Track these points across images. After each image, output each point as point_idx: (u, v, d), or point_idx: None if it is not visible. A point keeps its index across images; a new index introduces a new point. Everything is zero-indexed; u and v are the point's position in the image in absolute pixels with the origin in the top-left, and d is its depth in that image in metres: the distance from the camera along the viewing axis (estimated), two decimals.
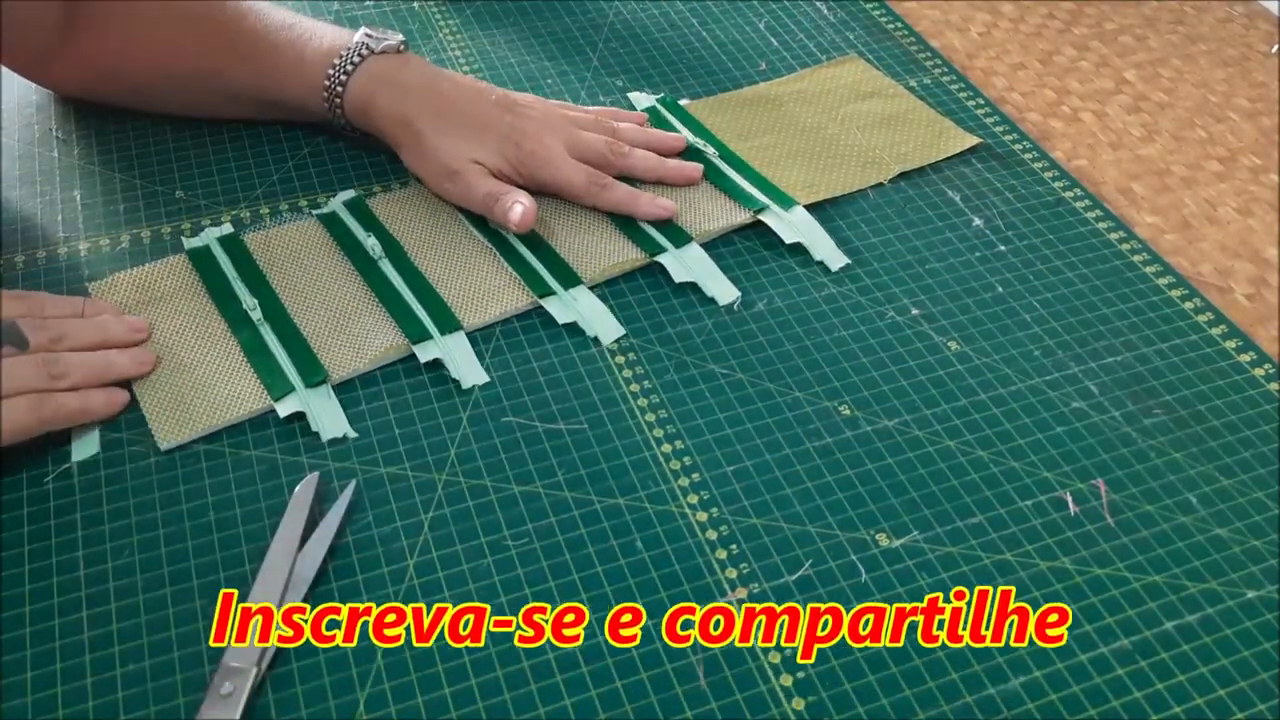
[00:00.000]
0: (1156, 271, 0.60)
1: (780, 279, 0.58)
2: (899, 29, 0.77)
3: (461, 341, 0.54)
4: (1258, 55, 0.78)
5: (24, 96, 0.68)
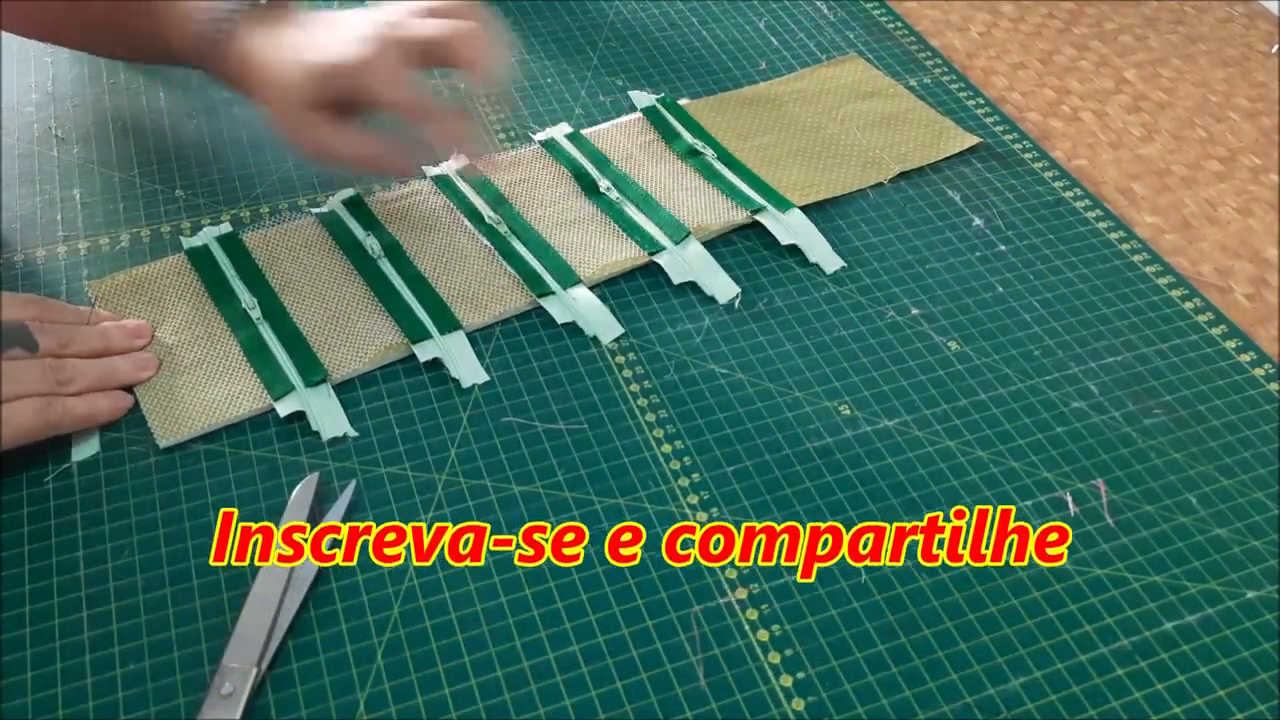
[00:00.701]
0: (1156, 271, 0.60)
1: (780, 279, 0.58)
2: (899, 28, 0.77)
3: (461, 341, 0.54)
4: (1258, 55, 0.78)
5: (24, 96, 0.67)
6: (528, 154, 0.64)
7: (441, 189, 0.61)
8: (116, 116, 0.66)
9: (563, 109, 0.68)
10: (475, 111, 0.68)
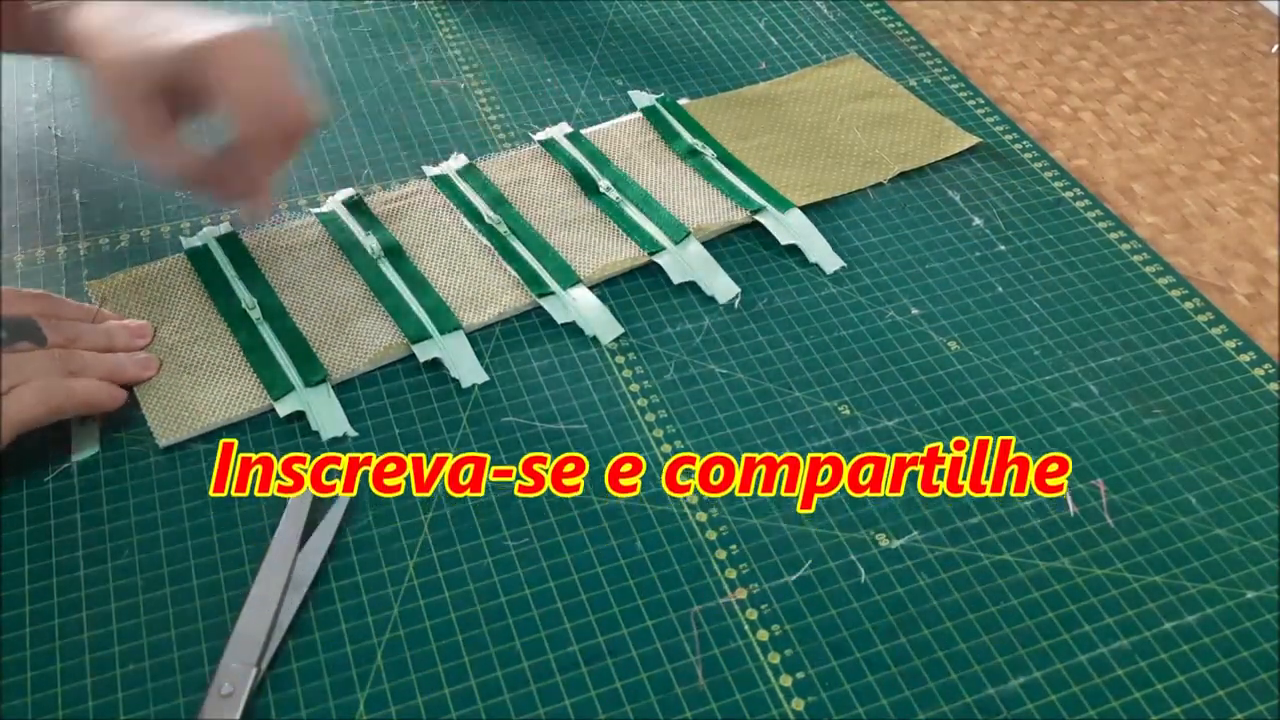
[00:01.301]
0: (1156, 271, 0.60)
1: (780, 279, 0.58)
2: (899, 28, 0.77)
3: (461, 341, 0.54)
4: (1258, 55, 0.78)
5: (24, 95, 0.67)
6: (527, 154, 0.64)
7: (441, 189, 0.62)
8: None
9: (563, 109, 0.68)
10: (475, 109, 0.68)
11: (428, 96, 0.69)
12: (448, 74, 0.71)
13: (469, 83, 0.70)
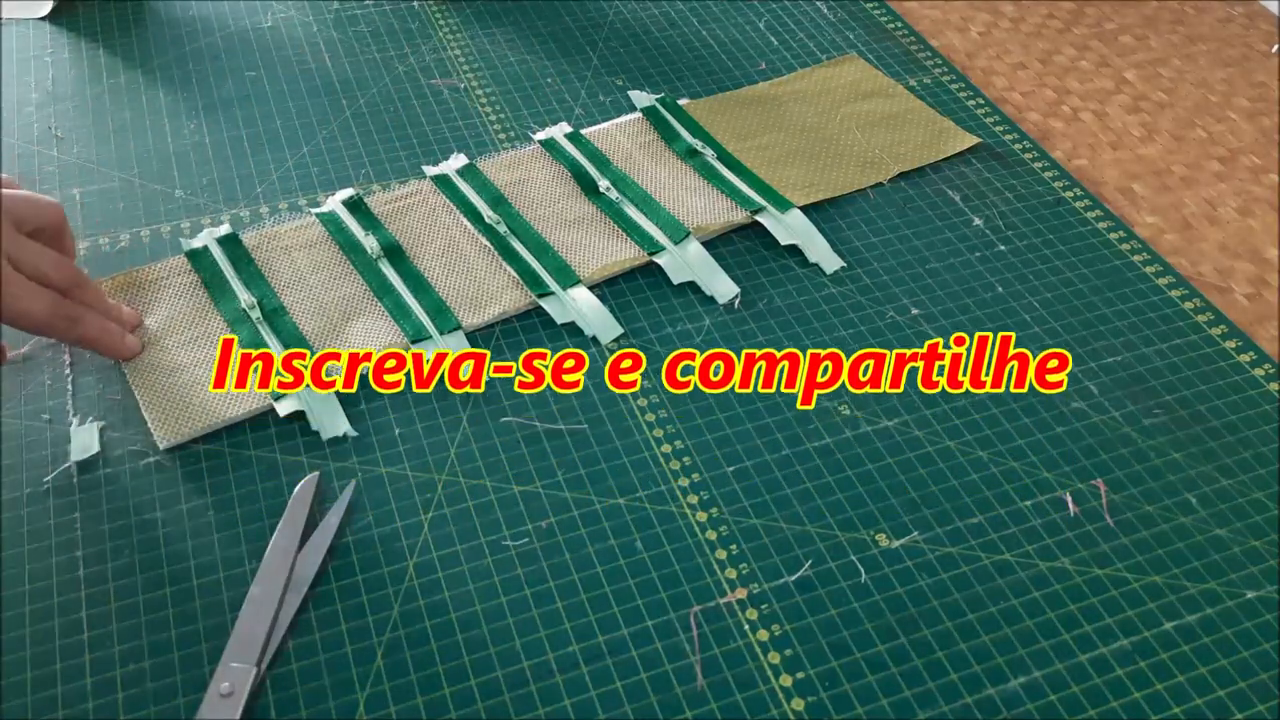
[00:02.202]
0: (1156, 271, 0.60)
1: (780, 279, 0.58)
2: (899, 28, 0.77)
3: (461, 341, 0.54)
4: (1258, 55, 0.78)
5: (24, 95, 0.68)
6: (527, 154, 0.64)
7: (441, 189, 0.62)
8: (116, 116, 0.66)
9: (562, 109, 0.68)
10: (475, 109, 0.68)
11: (428, 96, 0.69)
12: (448, 74, 0.71)
13: (469, 83, 0.70)
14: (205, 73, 0.70)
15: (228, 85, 0.69)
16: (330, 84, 0.69)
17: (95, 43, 0.72)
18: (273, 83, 0.69)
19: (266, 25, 0.74)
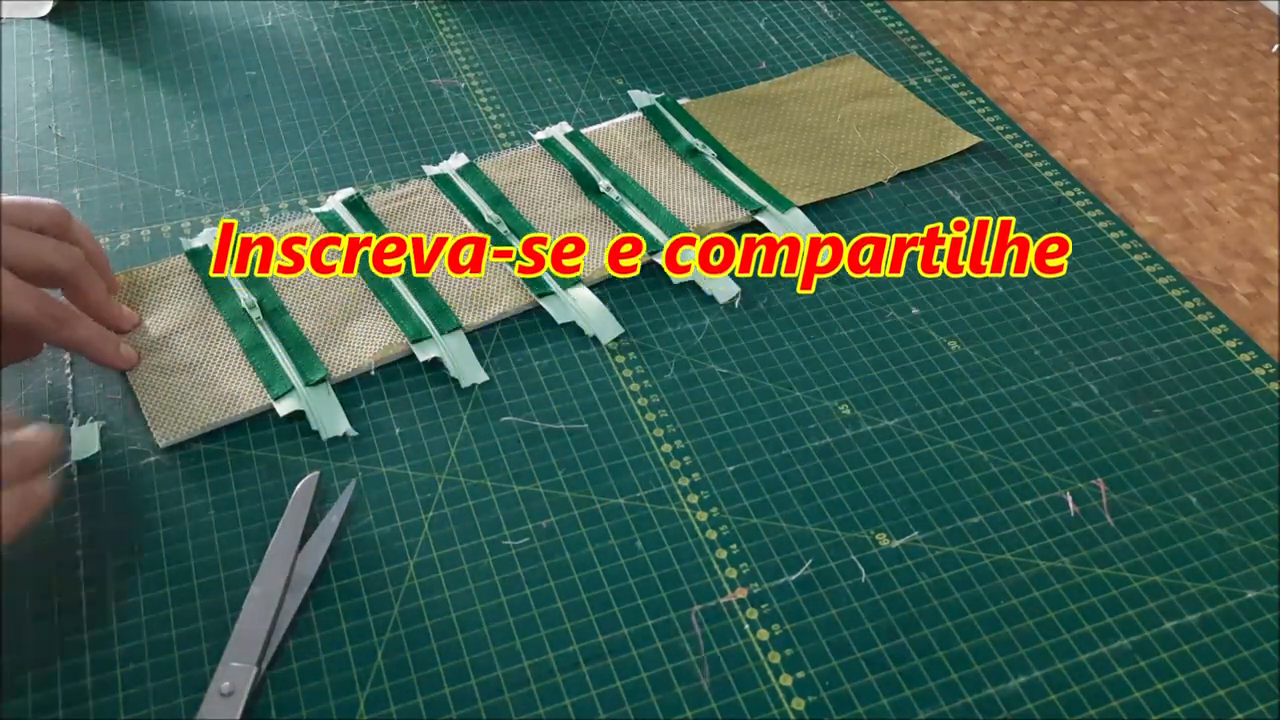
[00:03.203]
0: (1157, 271, 0.60)
1: (781, 278, 0.58)
2: (899, 28, 0.77)
3: (461, 341, 0.54)
4: (1258, 55, 0.78)
5: (24, 95, 0.68)
6: (527, 153, 0.64)
7: (441, 188, 0.61)
8: (116, 116, 0.66)
9: (563, 108, 0.68)
10: (475, 109, 0.68)
11: (428, 96, 0.69)
12: (448, 74, 0.71)
13: (469, 82, 0.70)
14: (205, 73, 0.70)
15: (228, 85, 0.69)
16: (330, 84, 0.69)
17: (95, 43, 0.72)
18: (273, 82, 0.69)
19: (266, 25, 0.74)
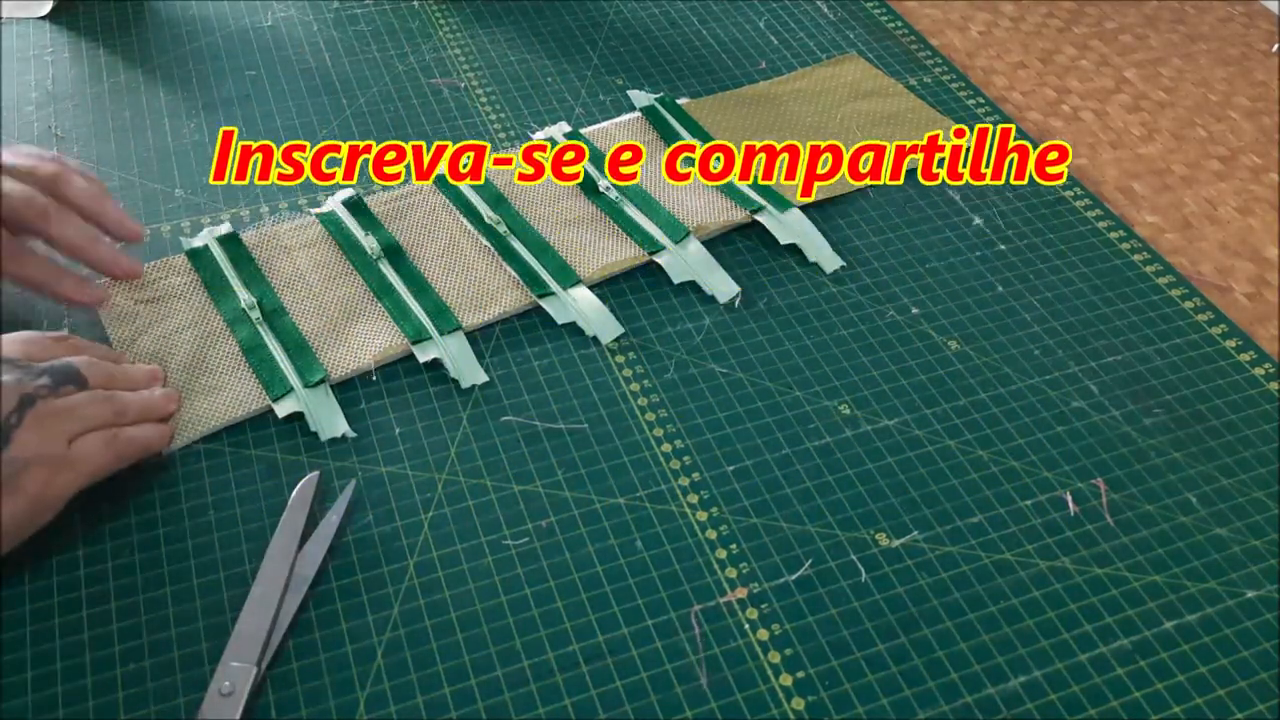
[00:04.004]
0: (1156, 271, 0.60)
1: (780, 278, 0.58)
2: (899, 28, 0.77)
3: (461, 341, 0.54)
4: (1258, 54, 0.78)
5: (23, 94, 0.68)
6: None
7: (441, 189, 0.61)
8: (116, 116, 0.66)
9: (562, 108, 0.68)
10: (475, 109, 0.68)
11: (428, 96, 0.69)
12: (448, 73, 0.71)
13: (469, 82, 0.70)
14: (205, 72, 0.70)
15: (228, 85, 0.69)
16: (330, 84, 0.69)
17: (95, 42, 0.72)
18: (273, 82, 0.69)
19: (266, 25, 0.74)
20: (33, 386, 0.44)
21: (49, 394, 0.44)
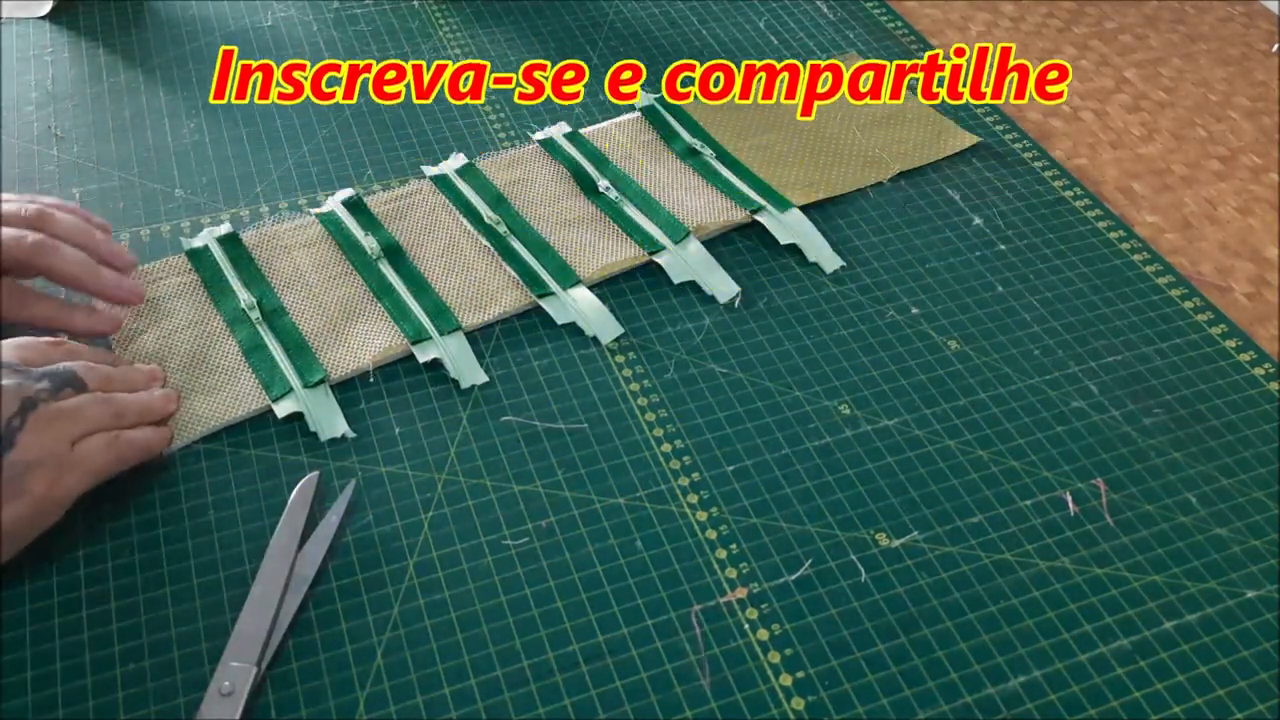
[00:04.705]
0: (1156, 271, 0.60)
1: (780, 278, 0.58)
2: (899, 28, 0.77)
3: (461, 342, 0.54)
4: (1258, 54, 0.78)
5: (23, 94, 0.68)
6: (527, 153, 0.64)
7: (441, 189, 0.61)
8: (116, 116, 0.66)
9: (562, 108, 0.68)
10: (475, 109, 0.68)
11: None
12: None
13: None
14: (205, 72, 0.69)
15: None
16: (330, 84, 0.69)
17: (95, 42, 0.72)
18: None
19: (266, 25, 0.74)
20: (33, 391, 0.44)
21: (49, 397, 0.44)
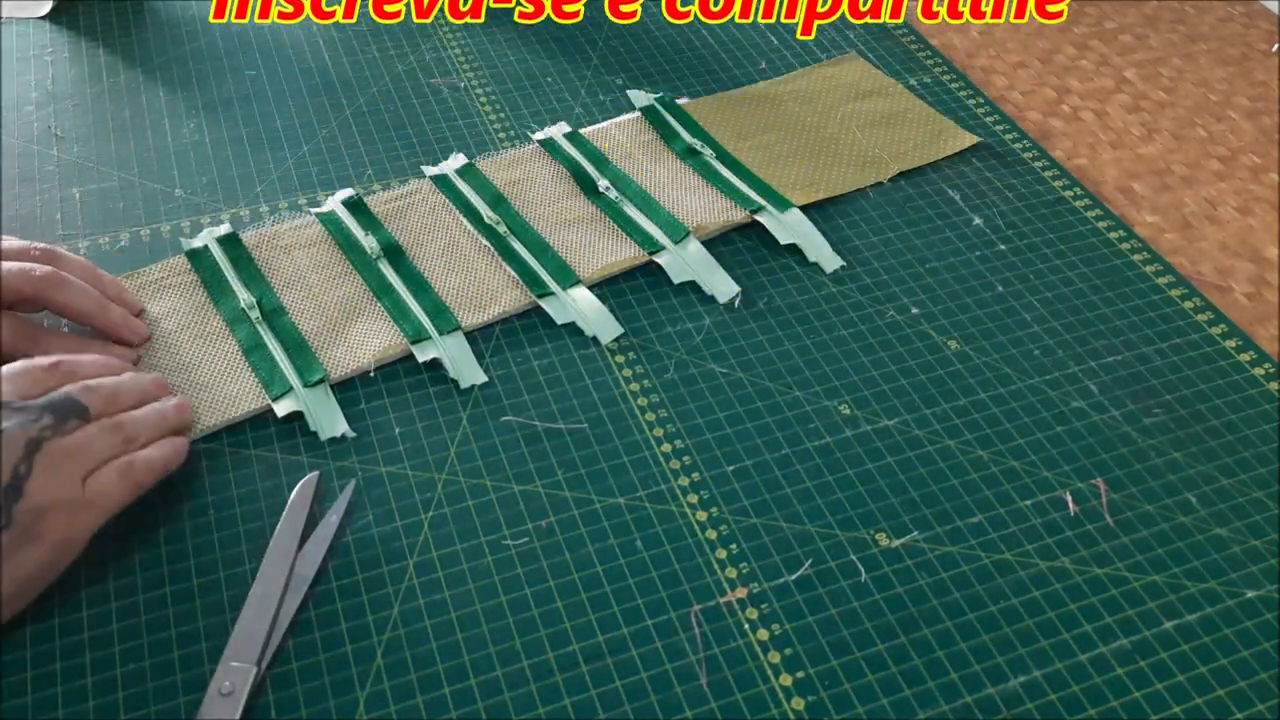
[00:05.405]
0: (1156, 271, 0.60)
1: (780, 278, 0.58)
2: (899, 28, 0.77)
3: (460, 341, 0.54)
4: (1258, 54, 0.78)
5: (23, 94, 0.68)
6: (527, 153, 0.64)
7: (441, 189, 0.61)
8: (116, 116, 0.66)
9: (562, 108, 0.68)
10: (475, 109, 0.68)
11: (427, 96, 0.69)
12: (447, 73, 0.71)
13: (469, 82, 0.70)
14: (205, 72, 0.70)
15: (228, 85, 0.69)
16: (330, 83, 0.69)
17: (95, 42, 0.72)
18: (273, 82, 0.69)
19: (267, 25, 0.74)
20: (36, 430, 0.42)
21: (53, 434, 0.42)
